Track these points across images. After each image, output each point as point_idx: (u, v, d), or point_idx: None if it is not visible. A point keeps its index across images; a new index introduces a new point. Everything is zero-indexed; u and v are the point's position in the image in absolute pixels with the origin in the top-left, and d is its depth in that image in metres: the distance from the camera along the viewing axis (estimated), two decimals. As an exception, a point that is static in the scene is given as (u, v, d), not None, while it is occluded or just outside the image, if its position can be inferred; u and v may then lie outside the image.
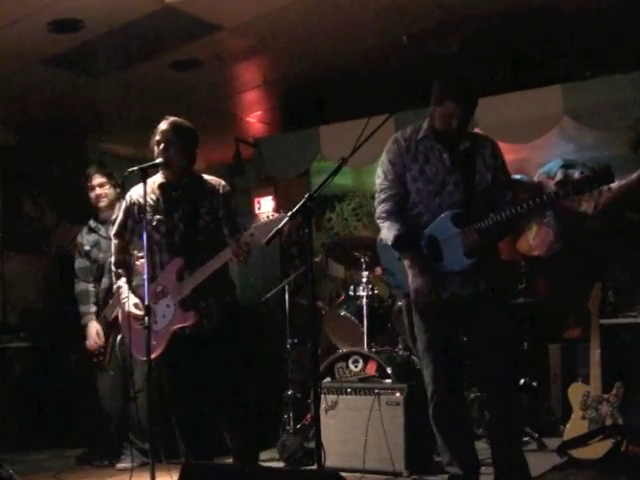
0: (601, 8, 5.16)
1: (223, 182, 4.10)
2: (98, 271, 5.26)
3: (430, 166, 3.70)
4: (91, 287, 5.25)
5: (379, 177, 3.85)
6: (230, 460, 4.16)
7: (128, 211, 4.05)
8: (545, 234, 6.17)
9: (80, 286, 5.28)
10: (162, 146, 3.93)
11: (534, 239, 6.18)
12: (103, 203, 5.27)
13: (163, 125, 3.97)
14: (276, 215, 3.69)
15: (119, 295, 4.05)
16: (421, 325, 3.79)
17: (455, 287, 3.67)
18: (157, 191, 4.01)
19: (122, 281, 4.05)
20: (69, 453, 5.65)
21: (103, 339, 5.15)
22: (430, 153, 3.72)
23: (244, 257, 3.74)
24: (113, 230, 4.18)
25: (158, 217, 3.97)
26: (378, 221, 3.83)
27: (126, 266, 4.08)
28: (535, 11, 5.23)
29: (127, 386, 5.11)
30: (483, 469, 4.47)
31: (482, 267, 3.65)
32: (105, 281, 5.21)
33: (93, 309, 5.21)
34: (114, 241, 4.14)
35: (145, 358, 3.76)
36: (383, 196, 3.80)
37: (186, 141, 3.97)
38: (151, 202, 3.98)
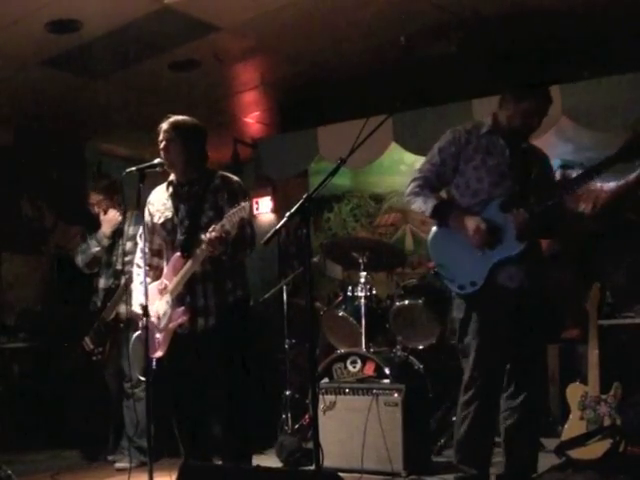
0: (600, 8, 5.16)
1: (235, 178, 4.07)
2: (100, 269, 5.39)
3: (492, 158, 3.78)
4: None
5: (425, 159, 3.93)
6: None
7: (148, 212, 4.09)
8: (543, 234, 6.16)
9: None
10: (163, 145, 3.94)
11: (532, 239, 6.17)
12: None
13: (164, 125, 3.98)
14: (242, 204, 3.68)
15: (130, 295, 4.09)
16: (484, 319, 3.72)
17: (521, 278, 3.72)
18: (168, 189, 4.05)
19: (136, 282, 4.07)
20: (67, 454, 5.66)
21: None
22: (492, 147, 3.80)
23: (220, 251, 3.71)
24: (139, 230, 4.20)
25: (167, 214, 4.00)
26: (408, 198, 3.87)
27: (149, 267, 4.04)
28: (533, 11, 5.23)
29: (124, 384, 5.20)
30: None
31: (533, 262, 3.73)
32: (103, 282, 5.32)
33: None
34: (139, 242, 4.16)
35: (154, 355, 3.86)
36: (417, 175, 3.88)
37: (187, 138, 3.97)
38: (164, 200, 4.03)
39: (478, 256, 3.70)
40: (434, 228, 3.92)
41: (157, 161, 3.91)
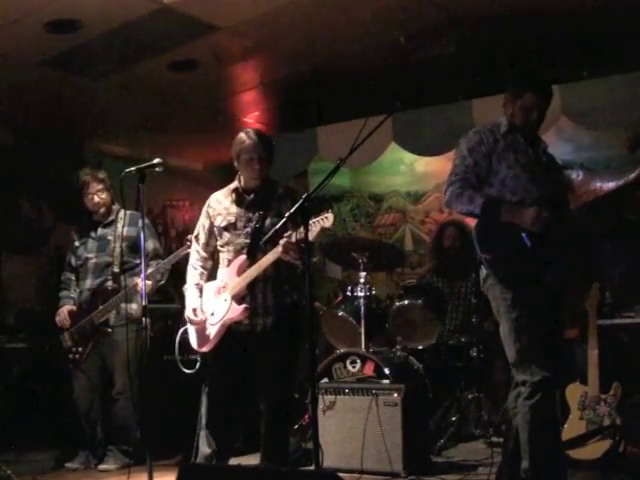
0: (599, 8, 5.16)
1: (297, 189, 4.22)
2: (83, 268, 5.29)
3: (521, 156, 3.75)
4: (73, 277, 5.38)
5: (454, 162, 3.81)
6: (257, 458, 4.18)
7: (207, 214, 4.18)
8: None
9: (65, 275, 5.42)
10: (255, 161, 4.04)
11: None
12: (102, 210, 5.31)
13: (250, 139, 4.11)
14: (325, 214, 3.74)
15: (185, 297, 4.19)
16: (539, 308, 3.64)
17: (560, 277, 3.70)
18: (231, 195, 4.15)
19: (191, 284, 4.17)
20: (67, 453, 5.64)
21: (78, 335, 5.22)
22: (517, 146, 3.78)
23: (294, 256, 3.79)
24: (194, 232, 4.29)
25: (229, 219, 4.08)
26: (450, 202, 3.74)
27: (204, 269, 4.20)
28: (533, 11, 5.23)
29: (107, 387, 5.18)
30: (481, 469, 4.49)
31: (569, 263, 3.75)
32: (89, 282, 5.24)
33: (72, 294, 5.35)
34: (193, 244, 4.27)
35: (202, 349, 4.06)
36: (453, 178, 3.75)
37: (271, 153, 4.13)
38: (226, 205, 4.13)
39: (523, 249, 3.62)
40: (476, 223, 3.76)
41: (156, 161, 3.90)
